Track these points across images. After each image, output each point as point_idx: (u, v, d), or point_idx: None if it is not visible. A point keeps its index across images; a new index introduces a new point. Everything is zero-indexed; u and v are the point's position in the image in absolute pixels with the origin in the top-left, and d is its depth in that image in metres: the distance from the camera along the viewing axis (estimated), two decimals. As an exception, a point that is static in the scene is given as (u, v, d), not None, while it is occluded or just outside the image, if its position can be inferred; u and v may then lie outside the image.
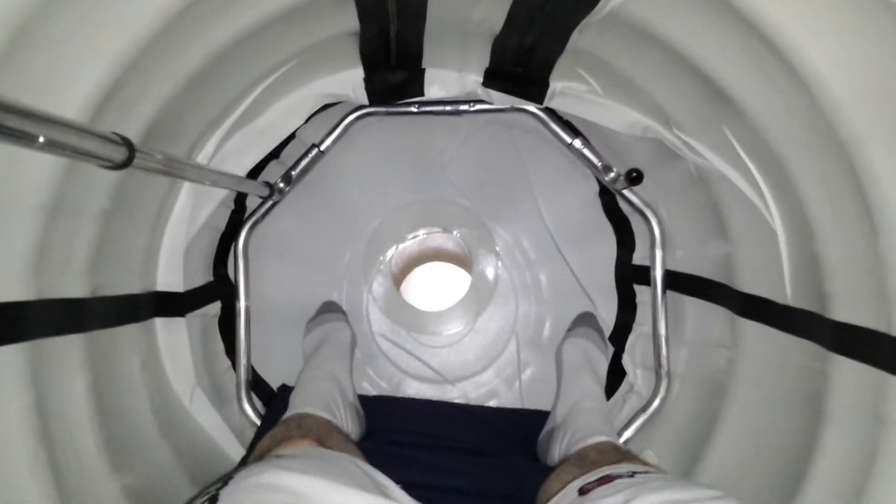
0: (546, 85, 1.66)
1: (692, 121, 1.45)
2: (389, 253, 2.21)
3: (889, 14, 0.86)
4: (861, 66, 0.96)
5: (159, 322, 1.54)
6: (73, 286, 1.18)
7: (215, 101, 1.44)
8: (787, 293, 1.31)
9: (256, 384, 1.99)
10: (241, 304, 1.90)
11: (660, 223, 1.82)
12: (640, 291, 2.00)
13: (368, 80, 1.71)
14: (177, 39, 1.10)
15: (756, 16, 1.02)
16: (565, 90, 1.66)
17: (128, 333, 1.40)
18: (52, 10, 0.87)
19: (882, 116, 0.96)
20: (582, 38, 1.40)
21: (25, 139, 0.69)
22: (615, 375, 2.03)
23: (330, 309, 2.11)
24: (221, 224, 1.90)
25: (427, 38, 1.54)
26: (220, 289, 1.92)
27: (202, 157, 1.50)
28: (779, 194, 1.29)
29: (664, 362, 1.80)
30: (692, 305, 1.76)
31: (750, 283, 1.47)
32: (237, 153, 1.65)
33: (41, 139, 0.71)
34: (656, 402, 1.80)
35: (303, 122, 1.76)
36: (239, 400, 1.87)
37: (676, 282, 1.81)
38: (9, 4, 0.83)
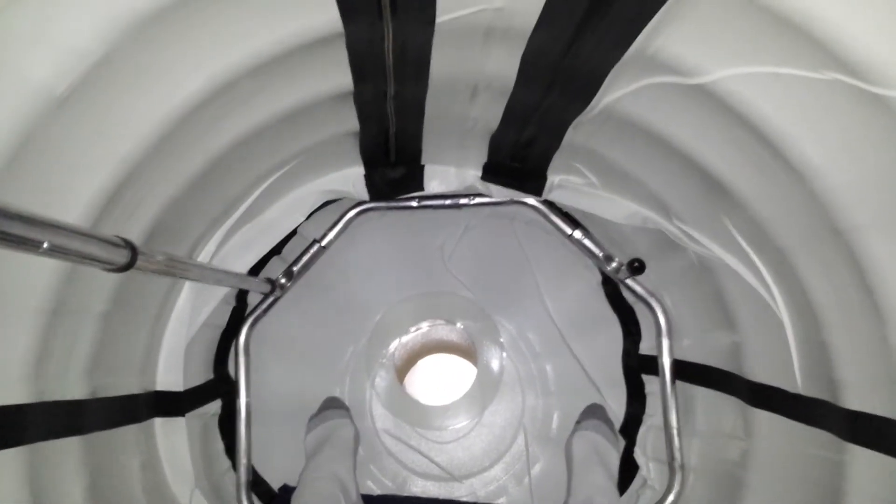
0: (544, 178, 1.69)
1: (691, 211, 1.47)
2: (392, 346, 2.19)
3: (878, 106, 0.88)
4: (853, 154, 0.98)
5: (159, 422, 1.51)
6: (73, 388, 1.17)
7: (218, 200, 1.46)
8: (797, 381, 1.29)
9: (257, 484, 1.93)
10: (242, 402, 1.87)
11: (665, 312, 1.81)
12: (649, 381, 1.97)
13: (369, 177, 1.74)
14: (179, 143, 1.13)
15: (745, 110, 1.05)
16: (563, 183, 1.69)
17: (127, 435, 1.37)
18: (55, 119, 0.89)
19: (879, 203, 0.97)
20: (577, 133, 1.43)
21: (31, 245, 0.70)
22: (627, 469, 1.96)
23: (332, 405, 2.07)
24: (222, 321, 1.90)
25: (426, 136, 1.58)
26: (221, 387, 1.89)
27: (204, 255, 1.51)
28: (783, 283, 1.28)
29: (677, 455, 1.75)
30: (702, 395, 1.73)
31: (759, 371, 1.45)
32: (239, 250, 1.66)
33: (45, 244, 0.72)
34: (671, 497, 1.73)
35: (304, 218, 1.78)
36: (239, 501, 1.81)
37: (685, 371, 1.78)
38: (15, 114, 0.85)
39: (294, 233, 1.95)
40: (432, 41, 1.15)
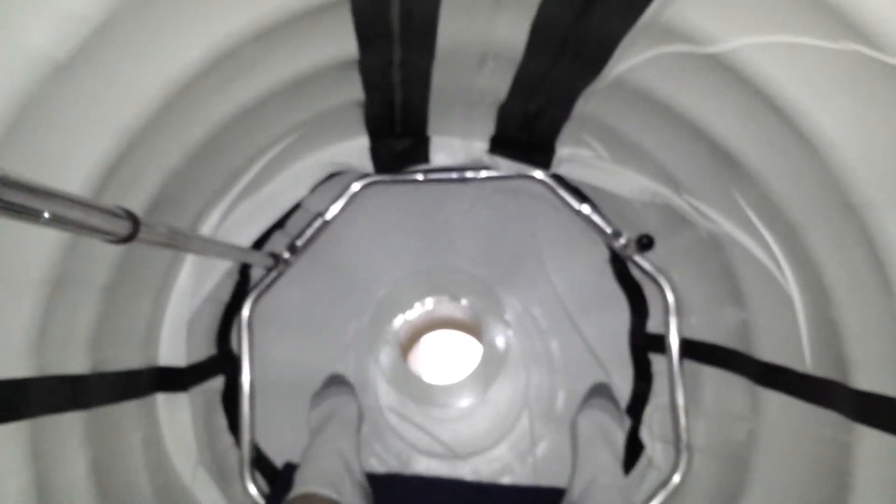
0: (552, 151, 1.66)
1: (701, 185, 1.44)
2: (397, 322, 2.18)
3: (893, 77, 0.85)
4: (868, 128, 0.95)
5: (161, 398, 1.50)
6: (75, 362, 1.16)
7: (220, 172, 1.44)
8: (806, 361, 1.28)
9: (260, 461, 1.93)
10: (245, 378, 1.86)
11: (673, 290, 1.79)
12: (656, 360, 1.95)
13: (374, 149, 1.71)
14: (181, 112, 1.11)
15: (760, 80, 1.02)
16: (572, 156, 1.66)
17: (129, 410, 1.37)
18: (55, 87, 0.87)
19: (894, 180, 0.95)
20: (587, 104, 1.40)
21: (31, 215, 0.69)
22: (633, 448, 1.95)
23: (336, 382, 2.06)
24: (225, 296, 1.88)
25: (432, 106, 1.55)
26: (224, 362, 1.89)
27: (207, 228, 1.49)
28: (793, 259, 1.26)
29: (683, 435, 1.74)
30: (710, 375, 1.71)
31: (768, 350, 1.43)
32: (242, 223, 1.64)
33: (46, 214, 0.70)
34: (676, 478, 1.73)
35: (308, 191, 1.76)
36: (242, 479, 1.81)
37: (693, 350, 1.76)
38: (13, 82, 0.83)
39: (298, 206, 1.93)
40: (439, 6, 1.12)
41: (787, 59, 0.97)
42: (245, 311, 1.89)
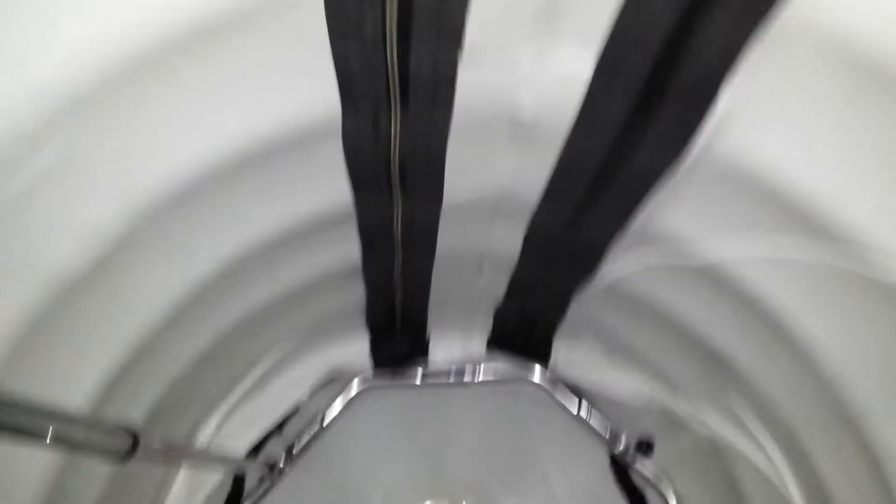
0: (549, 350, 1.68)
1: (697, 388, 1.44)
2: (395, 530, 2.06)
3: (884, 291, 0.87)
4: (859, 338, 0.96)
5: None
6: None
7: (220, 378, 1.44)
8: None
9: None
10: None
11: (677, 497, 1.73)
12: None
13: (374, 348, 1.72)
14: (186, 323, 1.13)
15: (748, 291, 1.05)
16: (569, 355, 1.67)
17: None
18: (66, 302, 0.88)
19: (890, 390, 0.94)
20: (582, 307, 1.43)
21: (35, 436, 0.68)
22: None
23: None
24: (217, 507, 1.79)
25: (432, 305, 1.58)
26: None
27: (205, 435, 1.46)
28: (794, 466, 1.23)
29: None
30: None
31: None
32: (240, 429, 1.61)
33: (50, 436, 0.69)
34: None
35: (307, 395, 1.74)
36: None
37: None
38: (28, 302, 0.84)
39: (294, 411, 1.90)
40: (440, 217, 1.18)
41: (773, 271, 1.00)
42: (237, 526, 1.79)
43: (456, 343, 1.77)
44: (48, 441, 0.70)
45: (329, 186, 1.05)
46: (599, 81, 0.83)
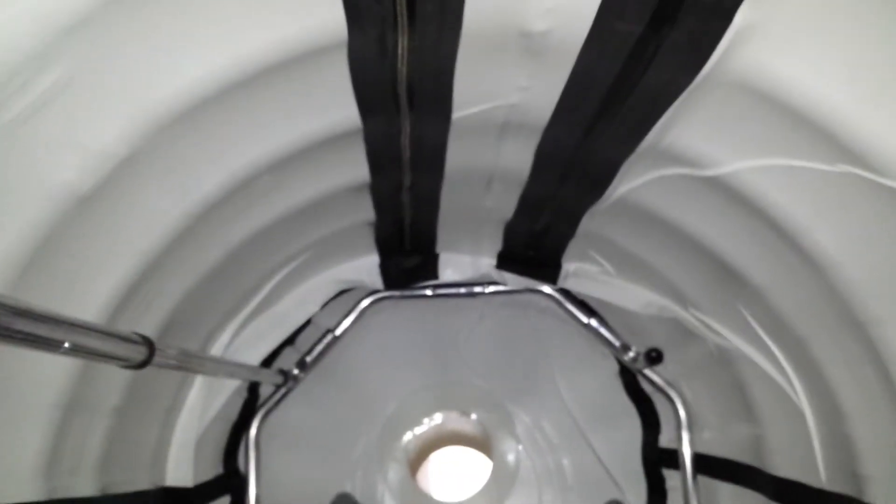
0: (559, 266, 1.69)
1: (707, 300, 1.45)
2: (405, 438, 2.14)
3: (890, 197, 0.88)
4: (869, 246, 0.97)
5: (166, 520, 1.46)
6: (84, 485, 1.14)
7: (233, 292, 1.46)
8: (821, 476, 1.25)
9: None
10: (252, 498, 1.81)
11: (685, 404, 1.77)
12: (669, 475, 1.90)
13: (384, 266, 1.74)
14: (198, 238, 1.14)
15: (760, 201, 1.05)
16: (578, 271, 1.69)
17: (135, 531, 1.33)
18: (77, 218, 0.90)
19: None
20: (592, 222, 1.44)
21: (52, 345, 0.70)
22: (650, 569, 1.88)
23: (343, 502, 2.00)
24: (233, 414, 1.86)
25: (441, 225, 1.59)
26: (231, 482, 1.84)
27: (218, 347, 1.50)
28: (803, 374, 1.25)
29: (702, 555, 1.68)
30: (725, 490, 1.67)
31: (782, 465, 1.40)
32: (253, 341, 1.65)
33: (66, 344, 0.71)
34: None
35: (318, 308, 1.77)
36: None
37: (706, 465, 1.72)
38: (39, 217, 0.86)
39: (308, 322, 1.94)
40: (448, 135, 1.17)
41: (786, 181, 1.00)
42: (253, 430, 1.87)
43: (465, 261, 1.79)
44: (66, 349, 0.72)
45: (339, 105, 1.04)
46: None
